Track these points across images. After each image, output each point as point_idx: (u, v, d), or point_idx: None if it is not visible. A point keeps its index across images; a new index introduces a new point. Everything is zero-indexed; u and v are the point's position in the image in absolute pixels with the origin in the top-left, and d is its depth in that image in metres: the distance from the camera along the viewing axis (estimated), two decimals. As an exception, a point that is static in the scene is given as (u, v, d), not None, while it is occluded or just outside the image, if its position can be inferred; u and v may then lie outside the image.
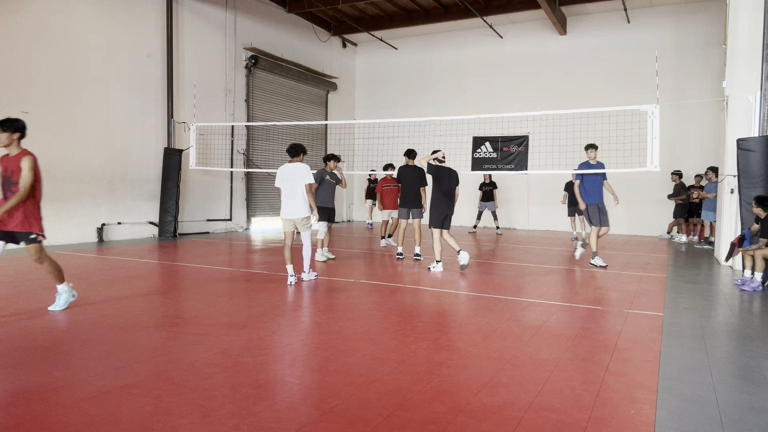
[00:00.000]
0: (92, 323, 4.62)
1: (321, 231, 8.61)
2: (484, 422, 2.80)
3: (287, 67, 15.60)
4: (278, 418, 2.80)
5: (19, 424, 2.68)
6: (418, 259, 8.84)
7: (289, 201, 6.57)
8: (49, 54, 9.99)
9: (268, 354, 3.88)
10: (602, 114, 11.71)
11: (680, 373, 3.62)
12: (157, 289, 6.38)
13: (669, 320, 5.07)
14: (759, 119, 7.60)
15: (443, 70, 17.76)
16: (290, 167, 6.63)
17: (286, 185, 6.58)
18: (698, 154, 14.13)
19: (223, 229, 13.92)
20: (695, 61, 14.25)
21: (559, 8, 14.88)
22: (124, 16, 11.36)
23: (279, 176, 6.64)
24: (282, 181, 6.60)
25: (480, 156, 16.79)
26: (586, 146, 8.66)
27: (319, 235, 8.58)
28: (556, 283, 7.21)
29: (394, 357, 3.85)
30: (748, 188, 7.49)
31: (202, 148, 12.95)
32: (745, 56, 8.57)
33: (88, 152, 10.71)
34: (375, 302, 5.77)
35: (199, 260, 8.57)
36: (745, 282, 6.75)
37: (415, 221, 8.89)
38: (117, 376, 3.36)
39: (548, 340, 4.34)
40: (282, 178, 6.60)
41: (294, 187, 6.55)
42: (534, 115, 10.26)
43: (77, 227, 10.54)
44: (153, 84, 12.03)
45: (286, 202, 6.59)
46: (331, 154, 8.86)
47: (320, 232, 8.60)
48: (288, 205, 6.58)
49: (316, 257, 8.46)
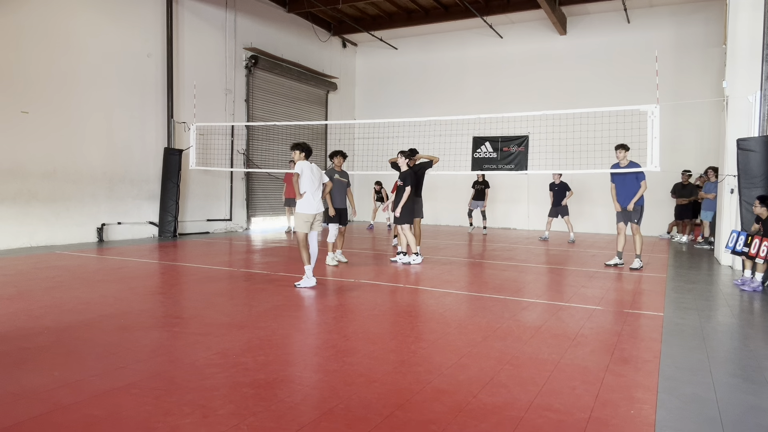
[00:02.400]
0: (92, 323, 4.62)
1: (332, 234, 8.29)
2: (484, 422, 2.80)
3: (287, 67, 15.60)
4: (278, 418, 2.80)
5: (19, 424, 2.68)
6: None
7: (314, 196, 6.53)
8: (50, 54, 9.99)
9: (268, 354, 3.88)
10: (602, 114, 11.70)
11: (680, 373, 3.62)
12: (157, 289, 6.38)
13: (669, 320, 5.07)
14: (759, 119, 7.60)
15: (443, 70, 17.76)
16: (312, 165, 6.62)
17: (311, 182, 6.51)
18: (698, 154, 14.13)
19: (223, 229, 13.92)
20: (695, 61, 14.25)
21: (559, 8, 14.89)
22: (124, 16, 11.36)
23: (306, 172, 6.48)
24: (308, 177, 6.49)
25: (480, 156, 16.79)
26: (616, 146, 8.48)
27: (330, 238, 8.28)
28: (556, 283, 7.21)
29: (394, 357, 3.85)
30: (748, 188, 7.49)
31: (202, 148, 12.95)
32: (745, 56, 8.57)
33: (88, 152, 10.71)
34: (375, 302, 5.77)
35: (199, 260, 8.57)
36: (745, 282, 6.75)
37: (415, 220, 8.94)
38: (117, 376, 3.36)
39: (548, 340, 4.34)
40: (308, 176, 6.49)
41: (318, 184, 6.62)
42: (534, 115, 10.25)
43: (77, 227, 10.54)
44: (153, 84, 12.03)
45: (312, 197, 6.50)
46: (338, 150, 8.57)
47: (331, 235, 8.29)
48: (313, 200, 6.52)
49: (327, 261, 8.22)
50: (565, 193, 12.59)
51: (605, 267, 8.54)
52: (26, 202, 9.66)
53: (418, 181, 8.92)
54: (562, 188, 12.61)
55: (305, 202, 6.50)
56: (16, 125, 9.48)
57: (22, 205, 9.61)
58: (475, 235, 14.05)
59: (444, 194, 16.31)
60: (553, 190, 12.74)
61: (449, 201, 16.52)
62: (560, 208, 12.65)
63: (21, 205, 9.59)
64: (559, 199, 12.62)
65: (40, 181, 9.88)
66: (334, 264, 8.20)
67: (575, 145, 11.90)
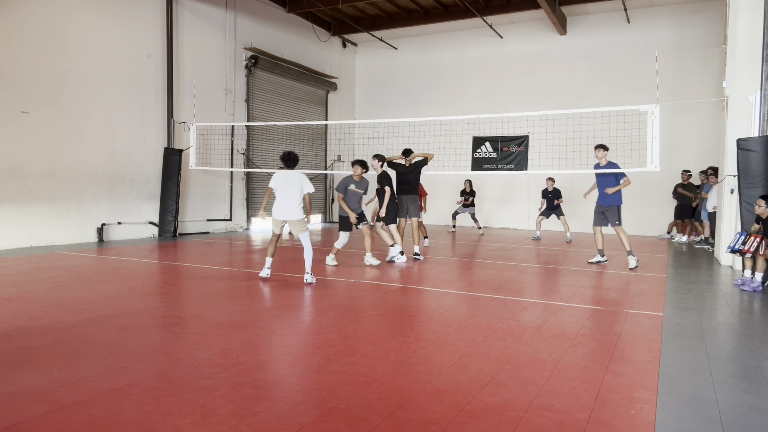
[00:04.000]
0: (92, 323, 4.62)
1: (340, 241, 8.29)
2: (484, 422, 2.80)
3: (287, 67, 15.60)
4: (278, 418, 2.80)
5: (19, 424, 2.68)
6: (417, 258, 8.86)
7: (283, 203, 6.78)
8: (49, 54, 9.98)
9: (268, 354, 3.88)
10: (602, 114, 11.71)
11: (680, 373, 3.62)
12: (157, 289, 6.38)
13: (669, 320, 5.07)
14: (759, 119, 7.60)
15: (443, 70, 17.76)
16: (290, 174, 6.84)
17: (281, 189, 6.79)
18: (698, 154, 14.13)
19: (223, 229, 13.92)
20: (695, 61, 14.25)
21: (559, 8, 14.89)
22: (124, 16, 11.36)
23: (276, 179, 6.86)
24: (278, 184, 6.81)
25: (480, 156, 16.80)
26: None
27: (337, 244, 8.30)
28: (556, 283, 7.21)
29: (394, 357, 3.85)
30: (748, 188, 7.49)
31: (202, 148, 12.95)
32: (745, 56, 8.58)
33: (88, 152, 10.71)
34: (375, 302, 5.77)
35: (199, 260, 8.57)
36: (745, 282, 6.75)
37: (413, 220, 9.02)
38: (117, 376, 3.36)
39: (548, 340, 4.34)
40: (278, 182, 6.82)
41: (290, 191, 6.76)
42: (534, 115, 10.26)
43: (77, 227, 10.54)
44: (153, 84, 12.03)
45: (279, 204, 6.81)
46: (359, 160, 8.39)
47: (339, 242, 8.29)
48: (281, 206, 6.79)
49: (327, 261, 8.31)
50: (555, 201, 12.70)
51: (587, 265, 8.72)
52: (26, 202, 9.66)
53: (414, 180, 8.97)
54: (555, 195, 12.73)
55: (273, 207, 6.90)
56: (16, 125, 9.48)
57: (22, 205, 9.61)
58: (474, 235, 14.05)
59: (444, 194, 16.31)
60: (546, 197, 12.87)
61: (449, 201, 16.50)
62: (554, 209, 12.78)
63: (21, 205, 9.59)
64: (551, 204, 12.76)
65: (40, 181, 9.87)
66: (333, 264, 8.23)
67: (575, 145, 11.89)
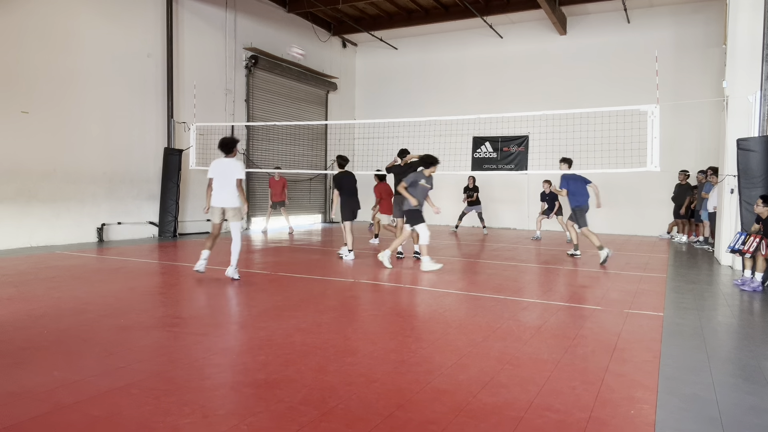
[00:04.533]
0: (92, 323, 4.62)
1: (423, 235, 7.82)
2: (484, 422, 2.80)
3: (287, 67, 15.60)
4: (278, 418, 2.80)
5: (19, 424, 2.68)
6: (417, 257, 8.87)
7: (220, 192, 6.91)
8: (50, 54, 9.98)
9: (268, 354, 3.88)
10: (602, 114, 11.71)
11: (680, 373, 3.62)
12: (157, 289, 6.38)
13: (669, 320, 5.07)
14: (759, 119, 7.60)
15: (443, 70, 17.75)
16: (225, 161, 6.96)
17: (218, 177, 6.91)
18: (698, 154, 14.13)
19: (223, 229, 13.89)
20: (695, 61, 14.25)
21: (559, 8, 14.88)
22: (124, 16, 11.36)
23: (213, 169, 6.97)
24: (215, 172, 6.93)
25: (480, 156, 16.79)
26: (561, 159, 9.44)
27: (422, 240, 7.87)
28: (556, 283, 7.21)
29: (394, 357, 3.84)
30: (748, 188, 7.49)
31: (202, 148, 12.93)
32: (745, 56, 8.58)
33: (88, 152, 10.71)
34: (375, 302, 5.77)
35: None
36: (745, 282, 6.75)
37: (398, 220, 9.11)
38: (117, 376, 3.36)
39: (548, 340, 4.34)
40: (215, 171, 6.94)
41: (225, 179, 6.88)
42: (534, 115, 10.27)
43: (77, 227, 10.54)
44: (153, 84, 12.03)
45: (216, 192, 6.94)
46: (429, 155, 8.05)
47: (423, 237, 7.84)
48: (219, 194, 6.92)
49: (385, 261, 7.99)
50: (554, 203, 12.74)
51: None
52: (26, 202, 9.66)
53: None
54: (552, 199, 12.76)
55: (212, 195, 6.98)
56: (16, 125, 9.48)
57: (22, 205, 9.61)
58: (475, 235, 14.05)
59: (444, 194, 16.29)
60: (545, 200, 12.93)
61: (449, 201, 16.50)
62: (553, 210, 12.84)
63: (21, 205, 9.59)
64: (552, 206, 12.80)
65: (40, 181, 9.87)
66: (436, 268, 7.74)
67: (575, 145, 11.90)
